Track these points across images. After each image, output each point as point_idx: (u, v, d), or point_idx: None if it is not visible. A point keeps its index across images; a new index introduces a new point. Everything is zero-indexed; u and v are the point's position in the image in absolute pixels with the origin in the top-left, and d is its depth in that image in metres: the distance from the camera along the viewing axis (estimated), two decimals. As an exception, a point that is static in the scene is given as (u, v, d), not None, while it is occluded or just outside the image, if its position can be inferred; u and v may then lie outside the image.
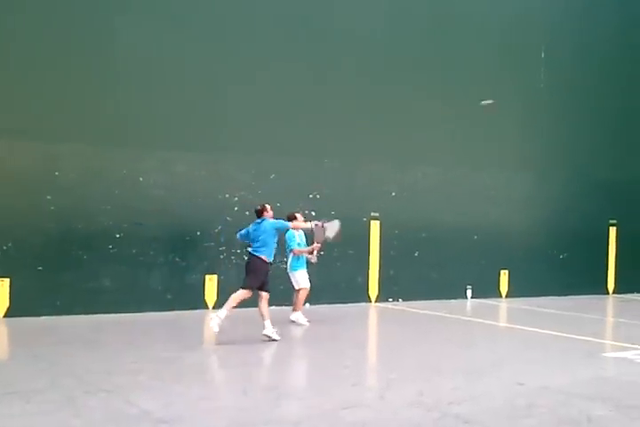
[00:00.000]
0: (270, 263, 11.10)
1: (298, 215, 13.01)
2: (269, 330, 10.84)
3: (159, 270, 13.81)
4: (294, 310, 12.82)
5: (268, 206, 11.43)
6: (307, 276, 12.90)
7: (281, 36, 15.08)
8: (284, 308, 13.34)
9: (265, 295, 10.97)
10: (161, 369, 8.73)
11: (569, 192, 18.84)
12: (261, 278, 10.92)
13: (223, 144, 14.48)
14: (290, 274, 12.88)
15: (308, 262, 12.91)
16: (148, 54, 13.76)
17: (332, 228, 11.99)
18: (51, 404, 6.97)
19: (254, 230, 11.19)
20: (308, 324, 12.61)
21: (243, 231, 11.52)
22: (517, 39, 18.13)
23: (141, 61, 13.72)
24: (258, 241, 11.04)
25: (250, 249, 11.14)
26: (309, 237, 12.83)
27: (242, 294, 10.86)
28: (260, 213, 11.35)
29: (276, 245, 11.15)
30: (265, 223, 11.15)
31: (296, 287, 12.85)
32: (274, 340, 10.76)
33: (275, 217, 11.47)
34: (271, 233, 11.06)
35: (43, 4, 13.02)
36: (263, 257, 10.95)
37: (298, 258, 12.84)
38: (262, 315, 10.90)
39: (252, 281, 10.89)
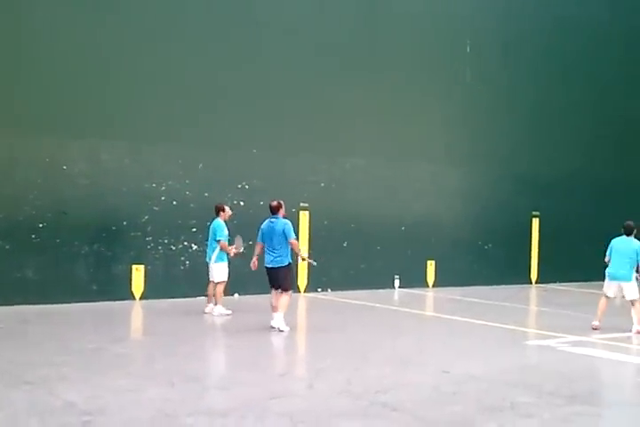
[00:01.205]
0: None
1: (226, 207, 12.95)
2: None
3: (84, 261, 13.56)
4: (217, 303, 12.59)
5: (282, 203, 11.35)
6: (226, 269, 12.74)
7: (209, 25, 14.92)
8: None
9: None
10: (86, 361, 8.60)
11: (494, 185, 19.15)
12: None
13: (149, 133, 14.27)
14: (211, 265, 12.70)
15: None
16: (73, 41, 13.45)
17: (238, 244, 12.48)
18: (-29, 397, 6.81)
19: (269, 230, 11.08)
20: (228, 312, 12.50)
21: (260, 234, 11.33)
22: (444, 34, 18.29)
23: (66, 48, 13.40)
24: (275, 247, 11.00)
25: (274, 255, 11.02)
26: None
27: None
28: (275, 210, 11.20)
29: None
30: (280, 223, 11.08)
31: (216, 280, 12.65)
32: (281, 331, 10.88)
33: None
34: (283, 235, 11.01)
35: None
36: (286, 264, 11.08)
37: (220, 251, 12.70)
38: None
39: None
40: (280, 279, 11.05)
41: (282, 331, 10.87)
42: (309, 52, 16.20)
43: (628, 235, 12.02)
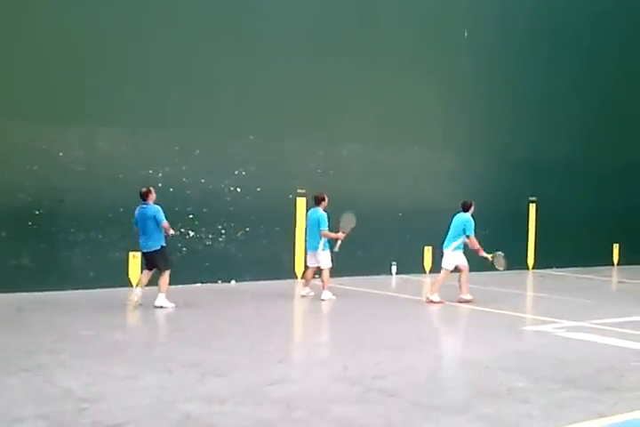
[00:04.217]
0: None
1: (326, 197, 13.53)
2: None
3: (81, 248, 13.55)
4: (324, 288, 13.10)
5: (152, 189, 11.87)
6: (330, 256, 13.25)
7: (206, 10, 14.84)
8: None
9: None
10: (83, 348, 8.60)
11: (490, 170, 19.14)
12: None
13: (146, 119, 14.23)
14: (317, 253, 13.09)
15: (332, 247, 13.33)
16: (66, 25, 13.37)
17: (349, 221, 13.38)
18: (-32, 385, 6.81)
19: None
20: (334, 297, 13.04)
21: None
22: (441, 18, 18.23)
23: (59, 33, 13.32)
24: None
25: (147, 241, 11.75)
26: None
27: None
28: (145, 196, 11.72)
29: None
30: (151, 209, 11.69)
31: (324, 266, 13.08)
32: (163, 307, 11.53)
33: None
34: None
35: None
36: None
37: (327, 239, 13.12)
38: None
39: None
40: (156, 262, 11.79)
41: (164, 307, 11.45)
42: (307, 38, 16.12)
43: (465, 211, 13.77)
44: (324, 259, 13.13)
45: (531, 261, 19.96)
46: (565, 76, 20.29)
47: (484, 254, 13.32)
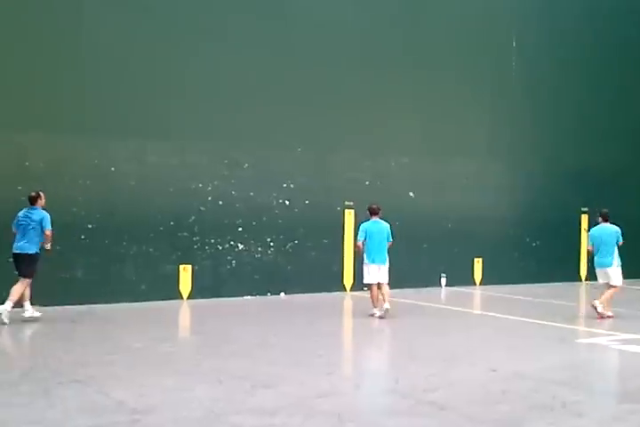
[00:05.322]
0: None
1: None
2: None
3: (132, 261, 13.71)
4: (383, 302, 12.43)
5: (42, 194, 11.56)
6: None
7: (252, 23, 14.97)
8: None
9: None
10: (134, 360, 8.67)
11: (541, 180, 18.93)
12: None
13: (195, 133, 14.38)
14: (385, 266, 12.46)
15: None
16: (116, 41, 13.60)
17: None
18: (24, 395, 6.90)
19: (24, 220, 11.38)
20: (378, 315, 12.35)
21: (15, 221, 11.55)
22: (489, 28, 18.15)
23: (110, 49, 13.55)
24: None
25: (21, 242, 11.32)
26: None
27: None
28: (33, 201, 11.46)
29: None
30: (37, 213, 11.36)
31: (383, 281, 12.45)
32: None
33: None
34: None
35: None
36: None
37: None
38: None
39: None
40: (22, 266, 11.28)
41: (34, 317, 11.24)
42: (353, 49, 16.16)
43: (606, 221, 13.19)
44: (387, 272, 12.53)
45: (584, 272, 19.63)
46: (613, 86, 19.99)
47: None
